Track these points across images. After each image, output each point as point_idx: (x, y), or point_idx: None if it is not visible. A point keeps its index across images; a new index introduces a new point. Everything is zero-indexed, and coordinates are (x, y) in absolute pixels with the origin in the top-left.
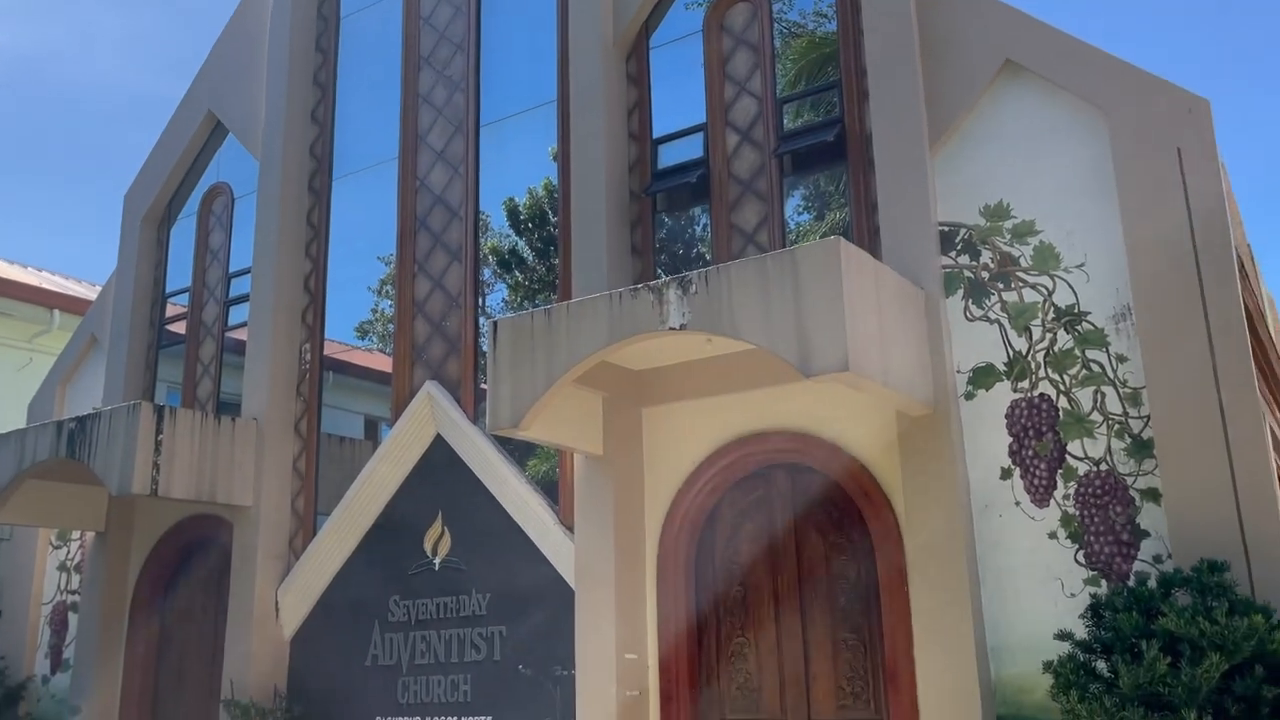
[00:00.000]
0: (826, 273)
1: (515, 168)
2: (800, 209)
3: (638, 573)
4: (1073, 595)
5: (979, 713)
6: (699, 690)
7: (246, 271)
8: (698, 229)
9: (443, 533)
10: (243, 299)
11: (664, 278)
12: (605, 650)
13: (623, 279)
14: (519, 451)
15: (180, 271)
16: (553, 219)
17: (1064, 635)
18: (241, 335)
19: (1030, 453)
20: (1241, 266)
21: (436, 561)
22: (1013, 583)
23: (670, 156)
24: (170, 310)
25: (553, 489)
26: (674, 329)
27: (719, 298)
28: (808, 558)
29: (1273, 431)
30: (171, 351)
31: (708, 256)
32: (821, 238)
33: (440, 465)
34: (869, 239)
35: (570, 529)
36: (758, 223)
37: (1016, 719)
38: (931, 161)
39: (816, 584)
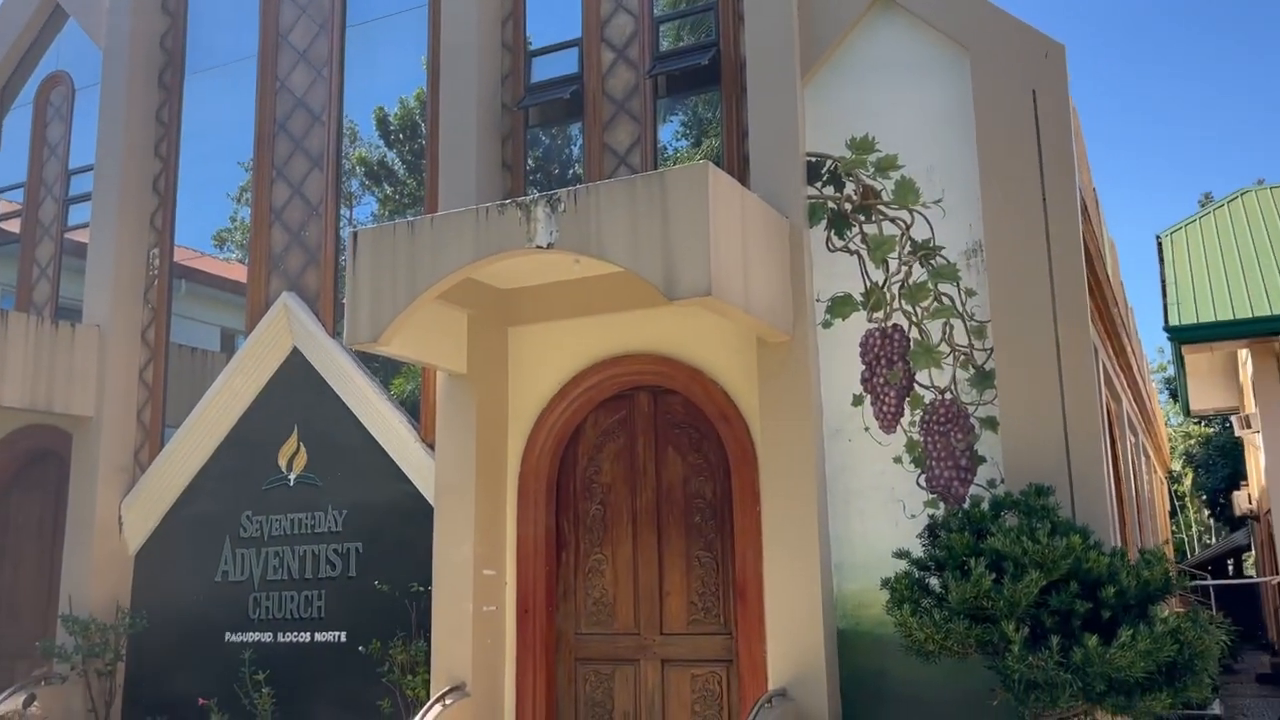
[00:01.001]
0: (694, 198)
1: (385, 75)
2: (680, 134)
3: (498, 491)
4: (913, 516)
5: (821, 626)
6: (555, 606)
7: (89, 169)
8: (575, 149)
9: (298, 448)
10: (84, 198)
11: (534, 195)
12: (463, 566)
13: (493, 194)
14: (385, 369)
15: (14, 165)
16: (425, 130)
17: (902, 554)
18: (83, 236)
19: (881, 381)
20: (1085, 209)
21: (291, 477)
22: (859, 504)
23: (544, 70)
24: (3, 207)
25: (416, 407)
26: (541, 248)
27: (587, 218)
28: (667, 478)
29: (1105, 368)
30: (4, 251)
31: (583, 176)
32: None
33: (297, 379)
34: (739, 166)
35: (431, 446)
36: (631, 143)
37: (855, 632)
38: (802, 91)
39: (674, 503)
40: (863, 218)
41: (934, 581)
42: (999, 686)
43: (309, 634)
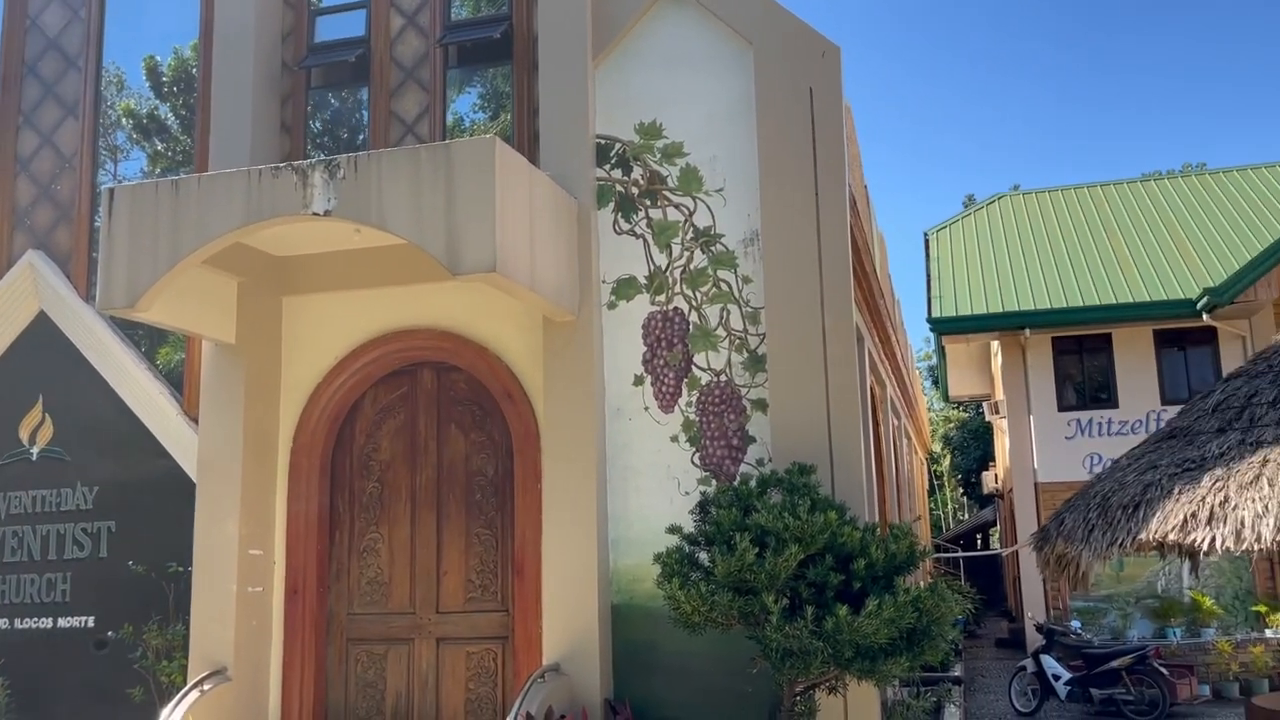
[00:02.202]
0: (480, 172)
1: (158, 22)
2: (477, 107)
3: (267, 467)
4: (687, 493)
5: (595, 601)
6: (327, 586)
7: None
8: (364, 116)
9: (43, 420)
10: None
11: (313, 159)
12: (227, 546)
13: (269, 156)
14: (151, 337)
15: None
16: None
17: (674, 529)
18: None
19: (662, 362)
20: (855, 205)
21: (34, 451)
22: (637, 481)
23: (329, 30)
24: None
25: (180, 378)
26: (318, 215)
27: (368, 186)
28: (448, 455)
29: (871, 354)
30: None
31: (369, 144)
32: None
33: (43, 345)
34: (529, 144)
35: (195, 420)
36: (419, 113)
37: (629, 606)
38: (593, 73)
39: (455, 481)
40: (649, 202)
41: (703, 556)
42: (759, 655)
43: (51, 620)
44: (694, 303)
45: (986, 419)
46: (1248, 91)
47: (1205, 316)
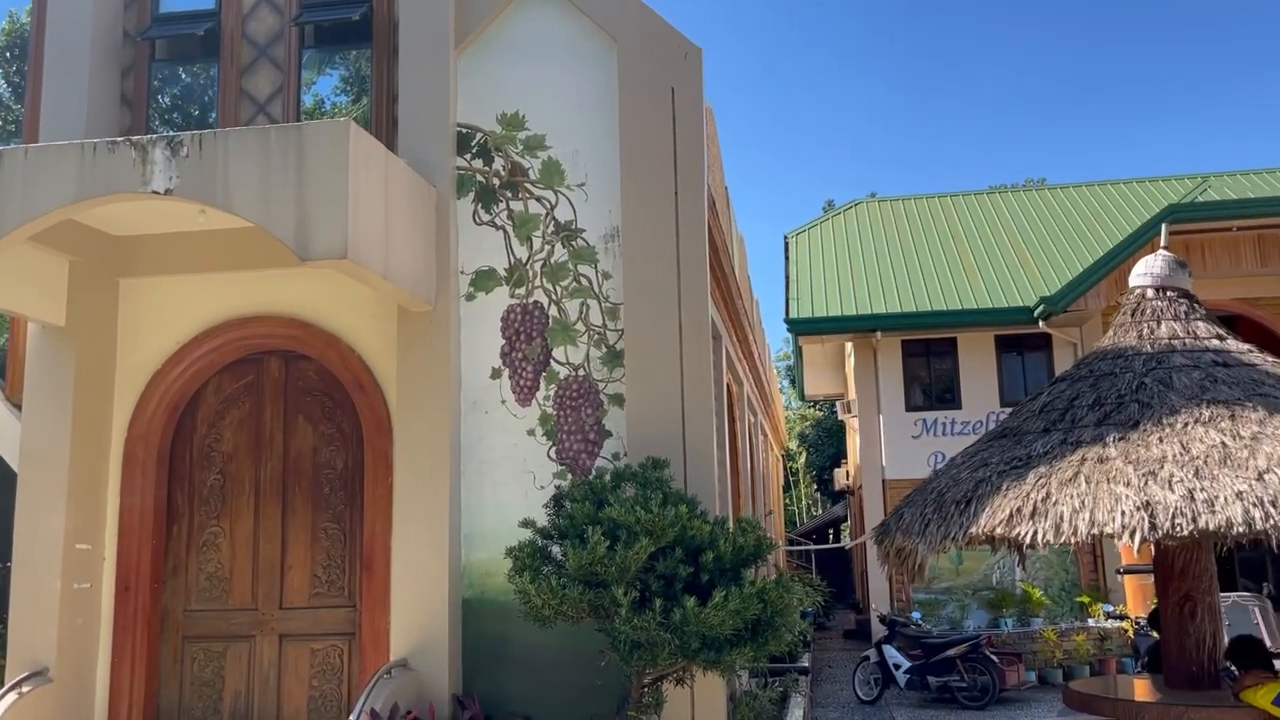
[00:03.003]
0: (334, 156)
1: None
2: (338, 90)
3: (99, 458)
4: (542, 487)
5: (446, 596)
6: (162, 581)
7: None
8: (216, 92)
9: None
10: None
11: (154, 135)
12: (51, 540)
13: (107, 130)
14: None
15: None
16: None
17: (528, 523)
18: None
19: (520, 356)
20: (714, 205)
21: None
22: (491, 475)
23: (176, 1)
24: None
25: (3, 362)
26: (158, 193)
27: (214, 165)
28: (296, 447)
29: (729, 353)
30: None
31: (217, 122)
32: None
33: None
34: (388, 130)
35: (19, 406)
36: (272, 92)
37: (481, 600)
38: (456, 61)
39: (302, 473)
40: (510, 194)
41: (556, 550)
42: (608, 648)
43: None
44: (554, 297)
45: (840, 417)
46: (1085, 112)
47: (1041, 324)
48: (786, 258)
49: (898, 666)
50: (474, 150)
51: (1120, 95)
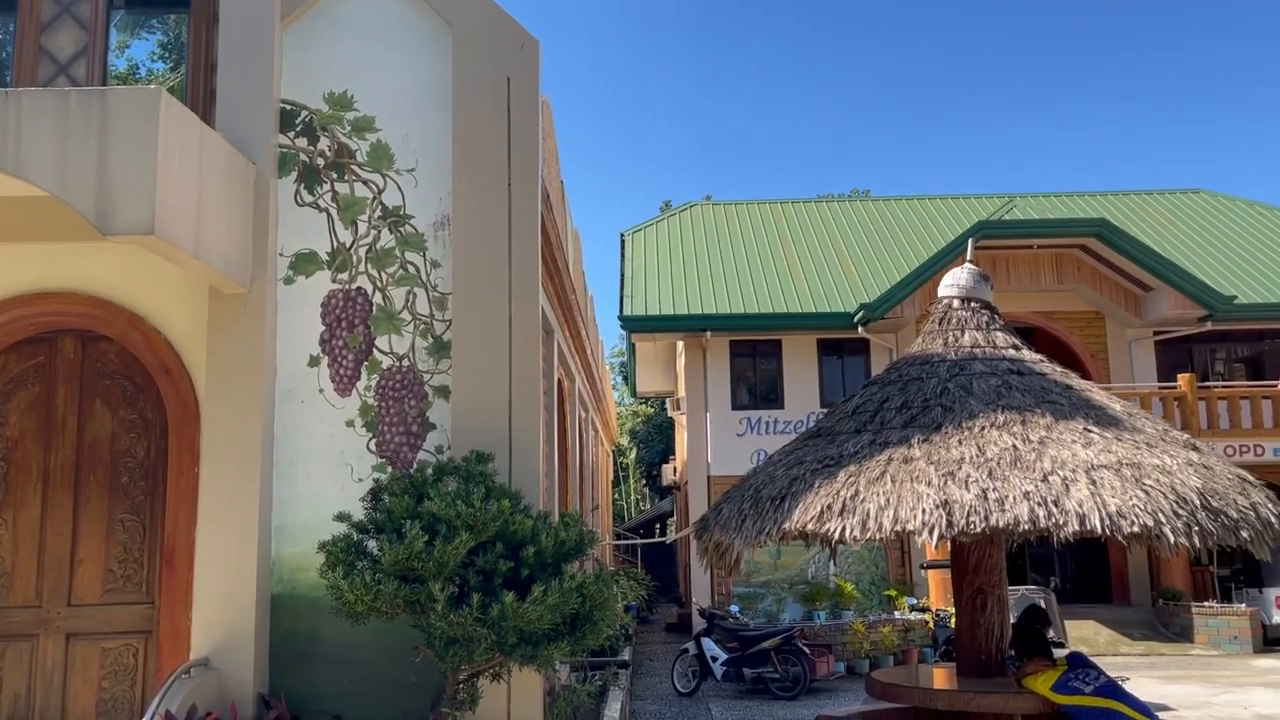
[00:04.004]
0: (142, 125)
1: None
2: (156, 56)
3: None
4: (360, 480)
5: (252, 591)
6: None
7: None
8: (12, 50)
9: None
10: None
11: None
12: None
13: None
14: None
15: None
16: None
17: (343, 517)
18: None
19: (341, 343)
20: (549, 198)
21: None
22: (306, 467)
23: None
24: None
25: None
26: None
27: (5, 127)
28: (92, 433)
29: (561, 347)
30: None
31: (11, 82)
32: (172, 90)
33: None
34: (204, 101)
35: None
36: (75, 53)
37: (291, 595)
38: (281, 33)
39: (99, 462)
40: (335, 175)
41: (372, 544)
42: (423, 644)
43: None
44: (379, 284)
45: (670, 414)
46: (911, 128)
47: (861, 329)
48: (622, 255)
49: (715, 659)
50: (298, 128)
51: (943, 112)
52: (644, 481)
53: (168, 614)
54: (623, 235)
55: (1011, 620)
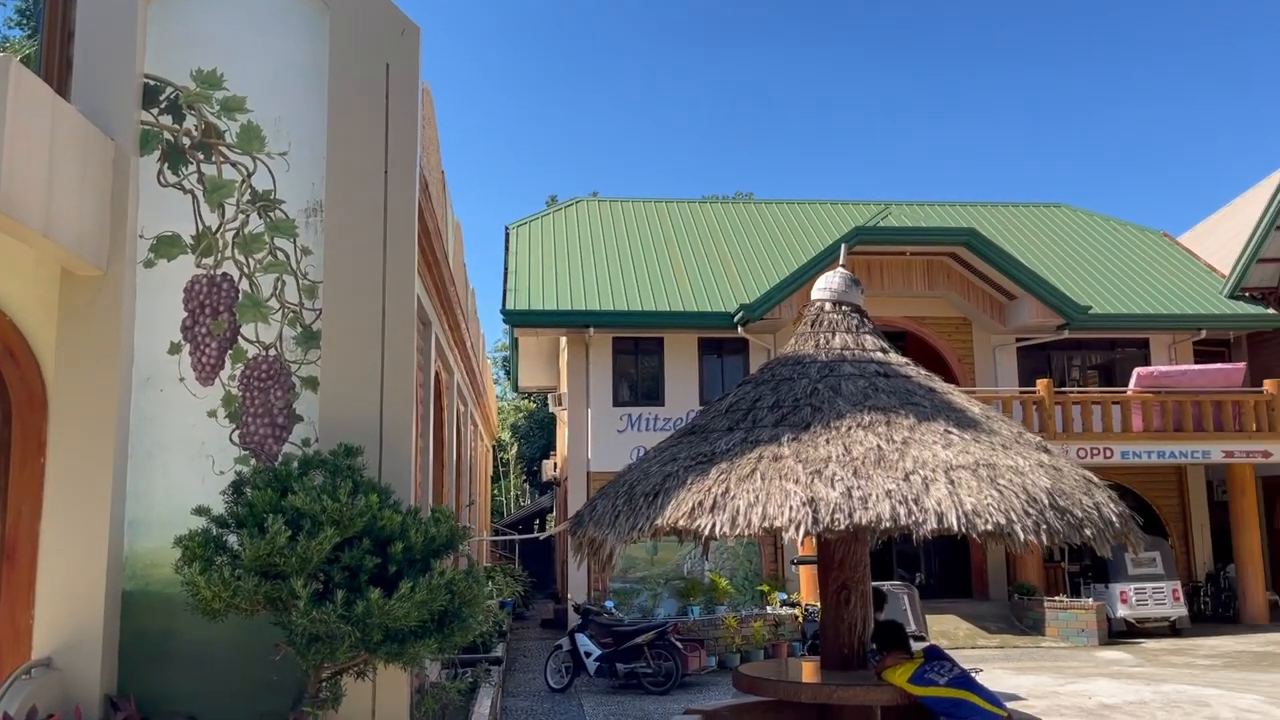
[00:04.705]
0: None
1: None
2: (13, 23)
3: None
4: (222, 473)
5: (102, 588)
6: None
7: None
8: None
9: None
10: None
11: None
12: None
13: None
14: None
15: None
16: None
17: (202, 510)
18: None
19: (204, 330)
20: (427, 188)
21: None
22: (164, 458)
23: None
24: None
25: None
26: None
27: None
28: None
29: (439, 340)
30: None
31: None
32: (27, 59)
33: None
34: (60, 72)
35: None
36: None
37: (145, 592)
38: (146, 4)
39: None
40: (201, 156)
41: (233, 539)
42: (284, 642)
43: None
44: (246, 270)
45: (551, 410)
46: (795, 132)
47: (740, 329)
48: (506, 249)
49: (588, 654)
50: (163, 105)
51: (826, 119)
52: (524, 477)
53: (7, 612)
54: (507, 229)
55: (873, 615)
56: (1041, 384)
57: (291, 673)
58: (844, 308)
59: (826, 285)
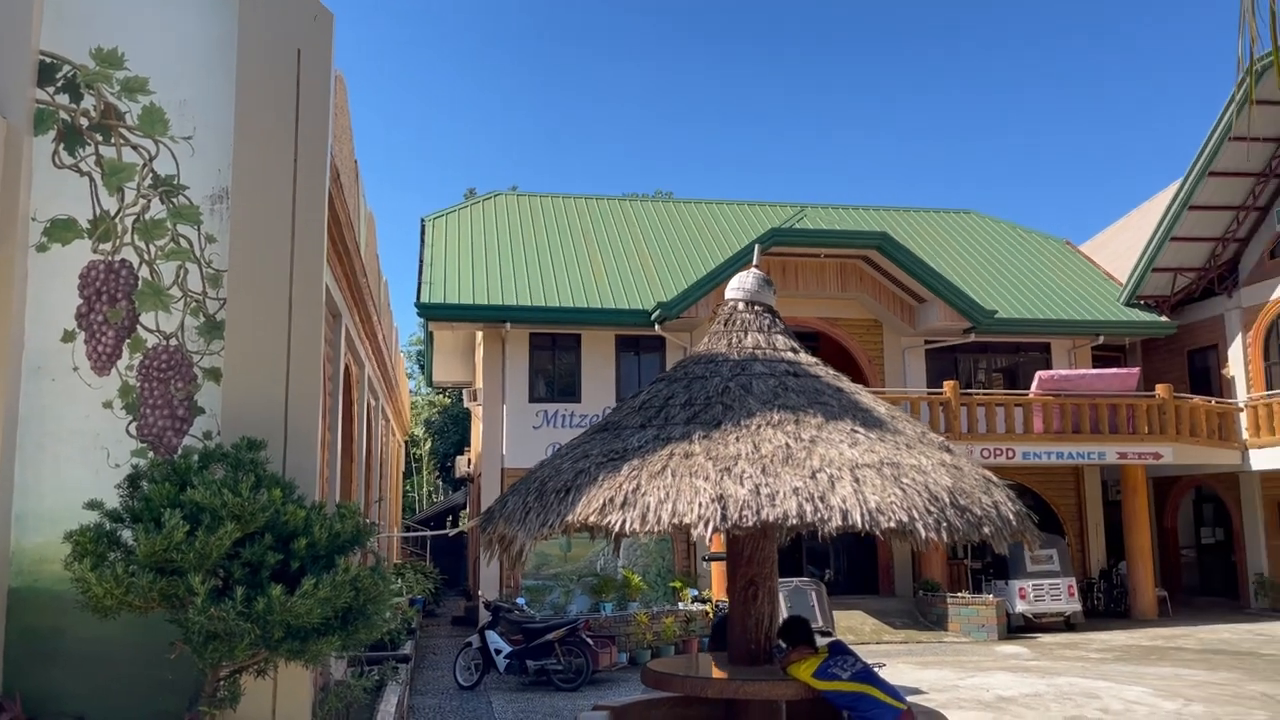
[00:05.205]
0: None
1: None
2: None
3: None
4: (118, 466)
5: None
6: None
7: None
8: None
9: None
10: None
11: None
12: None
13: None
14: None
15: None
16: None
17: (95, 505)
18: None
19: (100, 318)
20: (338, 177)
21: None
22: (55, 449)
23: None
24: None
25: None
26: None
27: None
28: None
29: (350, 332)
30: None
31: None
32: None
33: None
34: None
35: None
36: None
37: (33, 589)
38: None
39: None
40: (100, 138)
41: (128, 534)
42: (181, 640)
43: None
44: (146, 256)
45: (466, 405)
46: (716, 133)
47: (657, 327)
48: (422, 241)
49: (498, 651)
50: (59, 84)
51: (748, 120)
52: (438, 473)
53: None
54: (423, 221)
55: (783, 611)
56: (948, 385)
57: (188, 671)
58: (757, 307)
59: (740, 285)
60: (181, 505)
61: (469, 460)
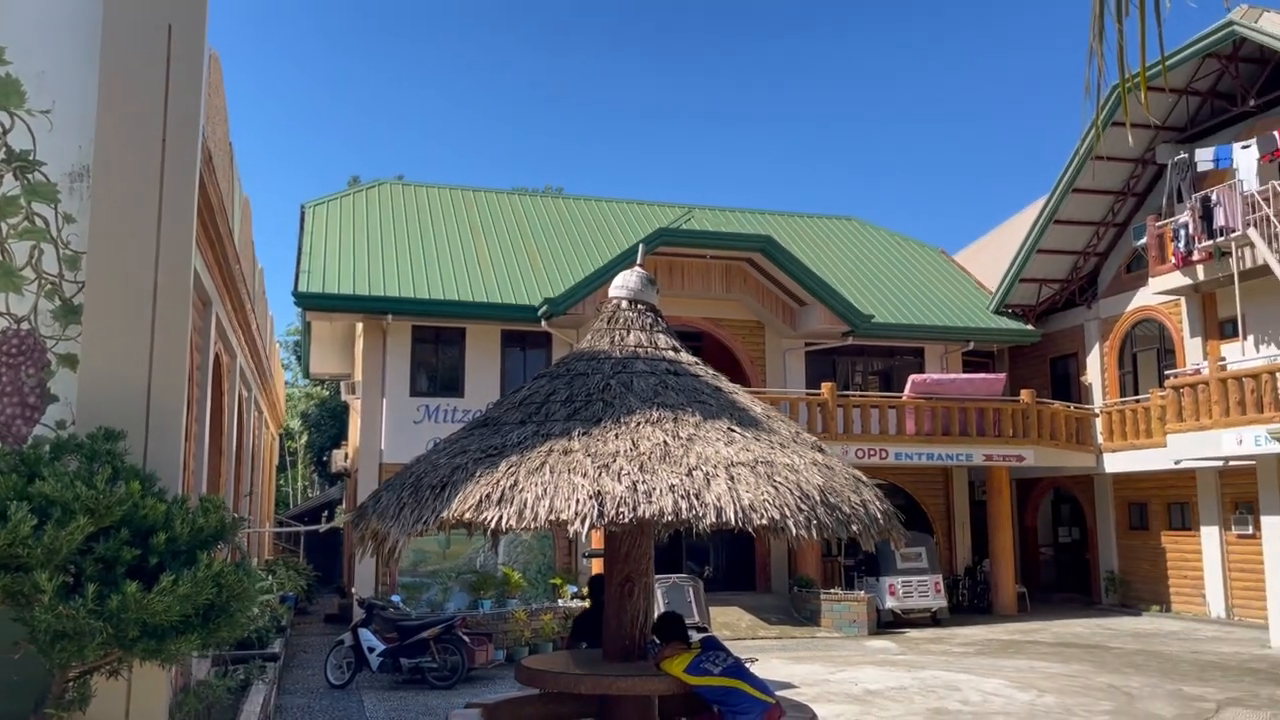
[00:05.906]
0: None
1: None
2: None
3: None
4: None
5: None
6: None
7: None
8: None
9: None
10: None
11: None
12: None
13: None
14: None
15: None
16: None
17: None
18: None
19: None
20: (211, 159)
21: None
22: None
23: None
24: None
25: None
26: None
27: None
28: None
29: (221, 321)
30: None
31: None
32: None
33: None
34: None
35: None
36: None
37: None
38: None
39: None
40: None
41: None
42: (25, 639)
43: None
44: None
45: (344, 398)
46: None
47: (544, 323)
48: (301, 229)
49: (371, 649)
50: None
51: (638, 122)
52: (314, 467)
53: None
54: (303, 207)
55: (660, 607)
56: (825, 387)
57: (36, 672)
58: (640, 306)
59: (624, 284)
60: (30, 498)
61: (346, 455)
